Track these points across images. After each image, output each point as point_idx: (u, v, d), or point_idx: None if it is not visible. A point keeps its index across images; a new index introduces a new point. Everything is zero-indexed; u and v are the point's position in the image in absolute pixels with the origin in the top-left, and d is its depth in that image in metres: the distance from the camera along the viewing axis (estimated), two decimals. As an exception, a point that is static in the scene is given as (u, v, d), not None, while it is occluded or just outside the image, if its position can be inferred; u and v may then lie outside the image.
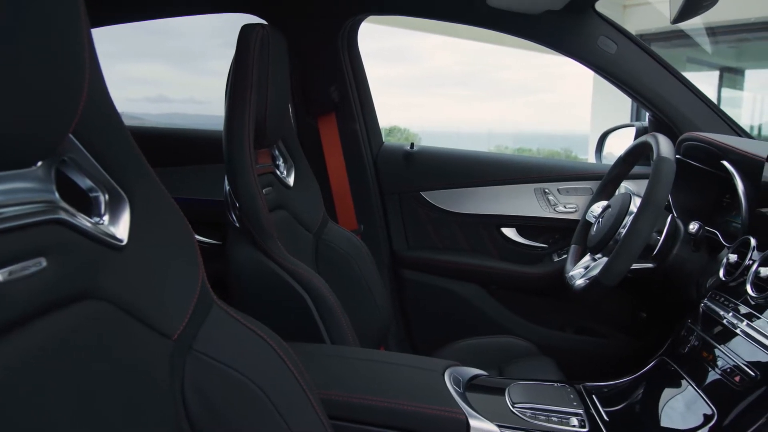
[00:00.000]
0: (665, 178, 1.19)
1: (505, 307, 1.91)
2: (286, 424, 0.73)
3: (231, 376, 0.71)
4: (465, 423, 0.97)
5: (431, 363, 1.14)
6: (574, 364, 1.74)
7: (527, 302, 1.92)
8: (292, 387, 0.77)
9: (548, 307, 1.91)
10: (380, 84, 12.29)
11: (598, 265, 1.32)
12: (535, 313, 1.91)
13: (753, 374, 0.96)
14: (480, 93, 10.84)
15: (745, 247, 1.18)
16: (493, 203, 1.90)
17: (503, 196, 1.90)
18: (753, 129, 9.36)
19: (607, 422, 1.04)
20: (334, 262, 1.53)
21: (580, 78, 2.94)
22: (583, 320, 1.90)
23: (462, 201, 1.92)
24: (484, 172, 1.91)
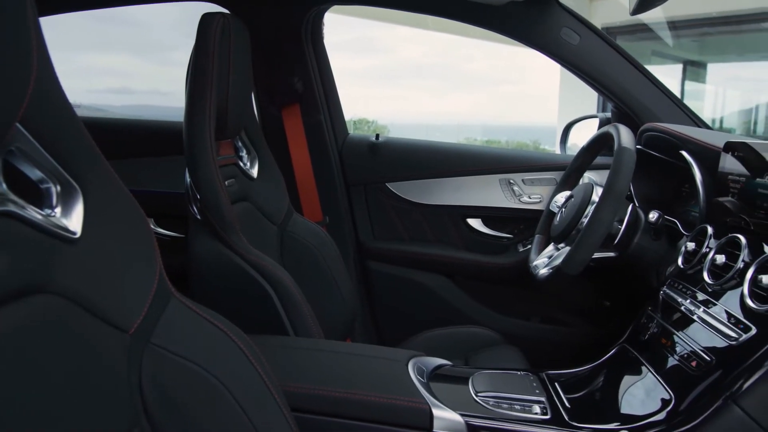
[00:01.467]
0: (626, 168, 1.20)
1: (471, 298, 1.93)
2: (246, 416, 0.72)
3: (189, 369, 0.70)
4: (428, 412, 0.98)
5: (395, 354, 1.14)
6: (539, 353, 1.75)
7: (493, 292, 1.93)
8: (252, 379, 0.76)
9: (514, 297, 1.93)
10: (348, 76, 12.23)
11: (561, 255, 1.34)
12: (500, 302, 1.93)
13: (709, 359, 0.98)
14: (449, 85, 10.88)
15: (702, 236, 1.20)
16: (458, 194, 1.90)
17: (469, 186, 1.90)
18: (715, 122, 9.56)
19: (568, 409, 1.06)
20: (299, 254, 1.52)
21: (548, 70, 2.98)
22: (548, 309, 1.92)
23: (428, 192, 1.92)
24: (449, 162, 1.92)
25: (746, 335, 0.95)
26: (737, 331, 0.97)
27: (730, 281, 1.05)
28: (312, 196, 1.89)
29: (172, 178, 1.65)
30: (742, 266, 1.04)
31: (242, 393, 0.73)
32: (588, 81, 1.68)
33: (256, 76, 1.83)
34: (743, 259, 1.04)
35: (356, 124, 8.87)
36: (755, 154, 1.08)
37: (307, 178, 1.88)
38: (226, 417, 0.71)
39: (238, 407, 0.72)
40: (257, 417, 0.74)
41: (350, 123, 1.98)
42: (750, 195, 1.08)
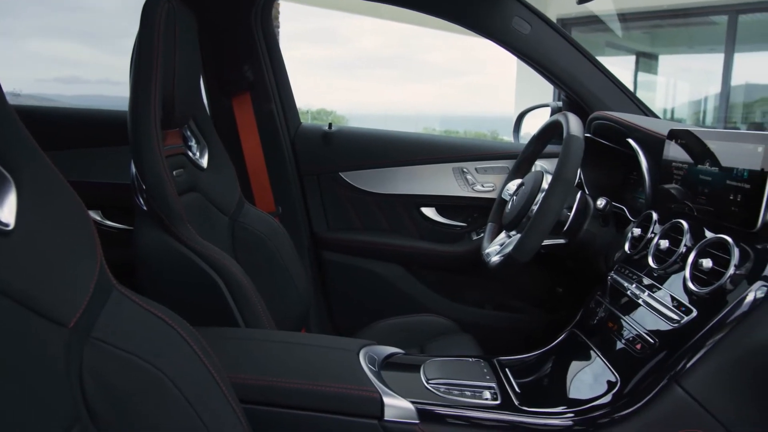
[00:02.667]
0: (574, 156, 1.21)
1: (426, 286, 1.93)
2: (192, 408, 0.71)
3: (132, 362, 0.68)
4: (379, 401, 0.97)
5: (346, 343, 1.13)
6: (493, 340, 1.77)
7: (447, 280, 1.94)
8: (198, 371, 0.75)
9: (468, 285, 1.94)
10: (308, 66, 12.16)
11: (513, 242, 1.35)
12: (455, 291, 1.94)
13: (653, 341, 1.00)
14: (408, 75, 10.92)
15: (648, 222, 1.23)
16: (412, 183, 1.91)
17: (422, 175, 1.91)
18: (667, 112, 9.82)
19: (518, 394, 1.07)
20: (251, 245, 1.50)
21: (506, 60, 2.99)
22: (502, 297, 1.94)
23: (381, 181, 1.91)
24: (403, 151, 1.92)
25: (687, 317, 0.97)
26: (679, 313, 0.99)
27: (674, 265, 1.08)
28: (264, 187, 1.87)
29: (123, 169, 1.61)
30: (684, 251, 1.06)
31: (188, 385, 0.71)
32: (539, 70, 1.70)
33: (205, 64, 1.79)
34: (685, 244, 1.07)
35: (315, 114, 8.84)
36: (697, 142, 1.11)
37: (259, 168, 1.86)
38: (172, 410, 0.70)
39: (183, 400, 0.70)
40: (204, 409, 0.72)
41: (310, 114, 1.95)
42: (692, 181, 1.11)
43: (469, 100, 10.75)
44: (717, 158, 1.04)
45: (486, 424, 1.00)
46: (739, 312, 0.91)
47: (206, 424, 0.72)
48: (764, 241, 0.94)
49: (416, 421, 0.98)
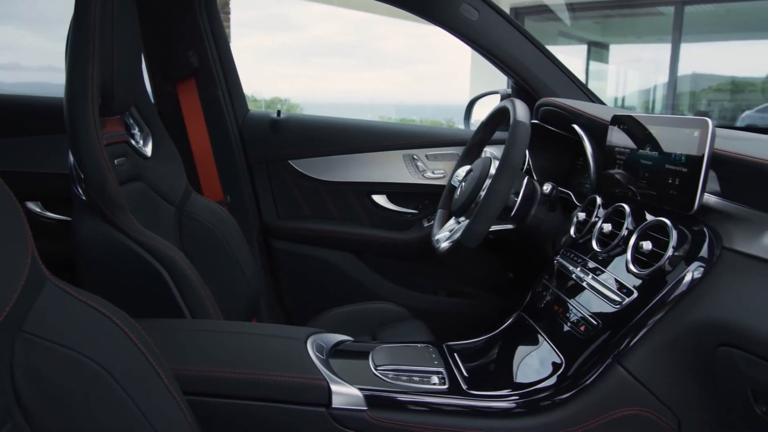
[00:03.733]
0: (520, 141, 1.22)
1: (378, 274, 1.93)
2: (133, 402, 0.70)
3: (67, 356, 0.66)
4: (326, 388, 0.97)
5: (294, 331, 1.12)
6: (446, 326, 1.79)
7: (399, 268, 1.94)
8: (138, 364, 0.73)
9: (420, 272, 1.95)
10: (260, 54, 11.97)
11: (462, 228, 1.35)
12: (407, 278, 1.94)
13: (596, 323, 1.02)
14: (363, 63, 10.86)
15: (592, 206, 1.25)
16: (363, 170, 1.90)
17: (373, 163, 1.90)
18: (618, 101, 10.03)
19: (466, 378, 1.08)
20: (198, 235, 1.47)
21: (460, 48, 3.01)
22: (454, 283, 1.95)
23: (331, 169, 1.90)
24: (353, 139, 1.91)
25: (629, 299, 0.99)
26: (621, 295, 1.01)
27: (616, 248, 1.10)
28: (211, 175, 1.83)
29: (60, 158, 1.56)
30: (626, 234, 1.09)
31: (127, 378, 0.70)
32: (488, 57, 1.70)
33: (147, 49, 1.74)
34: (627, 227, 1.09)
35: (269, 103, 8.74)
36: (639, 127, 1.13)
37: (206, 157, 1.82)
38: (111, 404, 0.68)
39: (122, 393, 0.69)
40: (145, 402, 0.71)
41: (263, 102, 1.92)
42: (634, 166, 1.13)
43: (425, 88, 10.77)
44: (657, 143, 1.06)
45: (433, 408, 1.01)
46: (677, 292, 0.93)
47: (148, 418, 0.71)
48: (701, 224, 0.96)
49: (364, 408, 0.98)
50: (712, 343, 0.87)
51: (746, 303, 0.84)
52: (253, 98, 8.92)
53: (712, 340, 0.87)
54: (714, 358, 0.87)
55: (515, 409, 1.00)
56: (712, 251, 0.92)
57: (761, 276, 0.84)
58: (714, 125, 0.95)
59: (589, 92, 1.72)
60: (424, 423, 0.99)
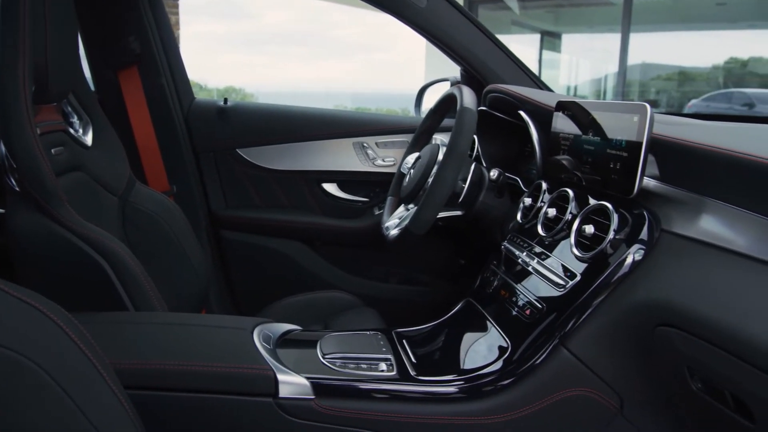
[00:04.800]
0: (467, 128, 1.23)
1: (329, 263, 1.92)
2: (71, 399, 0.67)
3: (1, 355, 0.63)
4: (273, 378, 0.96)
5: (240, 322, 1.11)
6: (398, 313, 1.79)
7: (351, 256, 1.94)
8: (75, 359, 0.71)
9: (371, 260, 1.94)
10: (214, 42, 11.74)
11: (410, 215, 1.35)
12: (358, 266, 1.94)
13: (541, 307, 1.04)
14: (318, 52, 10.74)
15: (538, 191, 1.26)
16: (312, 159, 1.88)
17: (323, 151, 1.88)
18: (570, 90, 10.19)
19: (414, 364, 1.08)
20: (144, 226, 1.43)
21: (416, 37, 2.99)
22: (406, 270, 1.96)
23: (281, 157, 1.88)
24: (302, 127, 1.88)
25: (572, 282, 1.00)
26: (565, 279, 1.02)
27: (561, 233, 1.11)
28: (156, 165, 1.79)
29: None
30: (569, 218, 1.10)
31: (64, 376, 0.67)
32: (437, 44, 1.70)
33: (86, 35, 1.68)
34: (571, 212, 1.11)
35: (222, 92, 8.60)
36: (582, 112, 1.14)
37: (151, 146, 1.77)
38: (47, 403, 0.66)
39: (60, 391, 0.66)
40: (83, 399, 0.68)
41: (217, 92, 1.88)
42: (578, 151, 1.14)
43: (381, 77, 10.74)
44: (599, 128, 1.08)
45: (381, 394, 1.01)
46: (619, 274, 0.95)
47: (87, 416, 0.68)
48: (641, 207, 0.98)
49: (311, 397, 0.98)
50: (651, 323, 0.89)
51: (683, 284, 0.86)
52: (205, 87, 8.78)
53: (651, 321, 0.89)
54: (653, 337, 0.89)
55: (462, 393, 1.01)
56: (652, 234, 0.94)
57: (697, 257, 0.87)
58: (652, 111, 0.96)
59: (537, 79, 1.73)
60: (372, 410, 0.99)
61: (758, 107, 8.28)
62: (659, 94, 9.67)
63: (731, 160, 0.85)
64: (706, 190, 0.91)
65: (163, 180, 1.80)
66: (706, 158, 0.90)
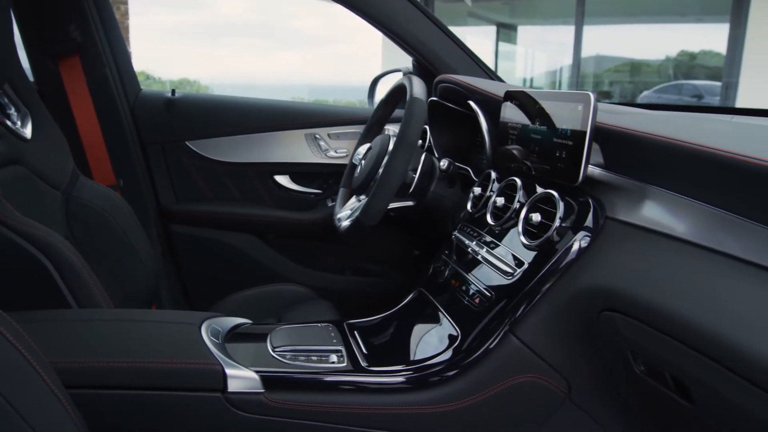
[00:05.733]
0: (416, 118, 1.23)
1: (283, 255, 1.91)
2: (6, 401, 0.65)
3: None
4: (221, 373, 0.95)
5: (187, 317, 1.09)
6: (352, 305, 1.79)
7: (304, 248, 1.92)
8: (10, 359, 0.68)
9: (326, 252, 1.93)
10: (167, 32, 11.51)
11: (362, 206, 1.35)
12: (313, 258, 1.93)
13: (489, 295, 1.04)
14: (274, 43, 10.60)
15: (488, 181, 1.27)
16: (264, 151, 1.86)
17: (274, 143, 1.86)
18: (526, 82, 10.31)
19: (365, 355, 1.08)
20: (89, 222, 1.39)
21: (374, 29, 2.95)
22: (361, 262, 1.95)
23: (231, 150, 1.85)
24: (252, 118, 1.86)
25: (520, 270, 1.01)
26: (513, 267, 1.03)
27: (509, 221, 1.12)
28: (102, 158, 1.74)
29: None
30: (517, 207, 1.11)
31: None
32: (388, 34, 1.69)
33: (23, 22, 1.62)
34: (518, 200, 1.11)
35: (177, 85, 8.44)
36: (530, 102, 1.15)
37: (95, 138, 1.72)
38: None
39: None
40: (20, 400, 0.66)
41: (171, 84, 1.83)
42: (525, 140, 1.15)
43: (339, 68, 10.66)
44: (546, 118, 1.09)
45: (331, 386, 1.01)
46: (565, 261, 0.96)
47: (24, 417, 0.66)
48: (586, 195, 0.99)
49: (261, 391, 0.97)
50: (596, 308, 0.90)
51: (626, 269, 0.88)
52: (158, 79, 8.59)
53: (596, 306, 0.90)
54: (598, 323, 0.91)
55: (412, 383, 1.01)
56: (597, 221, 0.95)
57: (640, 243, 0.88)
58: (596, 99, 0.97)
59: (488, 69, 1.74)
60: (322, 402, 0.99)
61: (706, 98, 8.52)
62: (613, 86, 9.85)
63: (670, 148, 0.86)
64: (648, 177, 0.92)
65: (108, 174, 1.75)
66: (647, 146, 0.91)
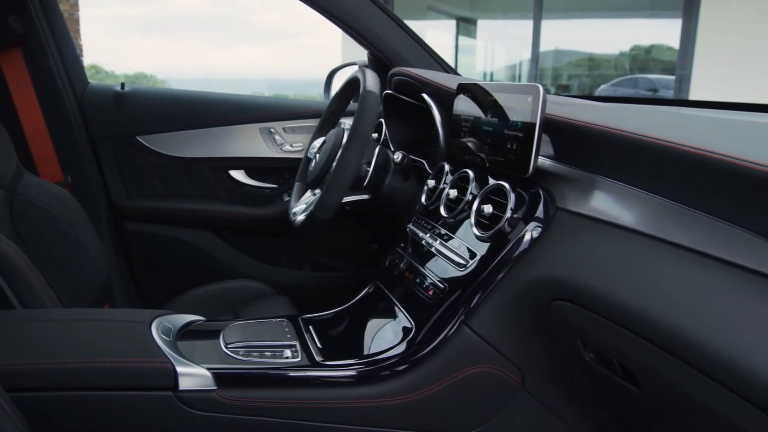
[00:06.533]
0: (369, 111, 1.22)
1: (239, 251, 1.89)
2: None
3: None
4: (172, 371, 0.94)
5: (137, 315, 1.07)
6: (310, 300, 1.77)
7: (261, 244, 1.90)
8: None
9: (283, 247, 1.92)
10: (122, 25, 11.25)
11: (316, 200, 1.34)
12: (270, 254, 1.91)
13: (443, 287, 1.04)
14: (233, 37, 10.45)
15: (442, 174, 1.27)
16: (218, 145, 1.83)
17: (229, 137, 1.83)
18: (486, 76, 10.38)
19: (320, 349, 1.07)
20: (35, 220, 1.35)
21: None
22: (319, 256, 1.94)
23: (185, 144, 1.82)
24: (206, 113, 1.83)
25: (473, 262, 1.02)
26: (466, 258, 1.03)
27: (462, 213, 1.12)
28: (48, 154, 1.69)
29: None
30: (470, 198, 1.11)
31: None
32: (342, 27, 1.68)
33: None
34: (471, 192, 1.12)
35: (133, 79, 8.25)
36: (482, 94, 1.15)
37: (40, 133, 1.67)
38: None
39: None
40: None
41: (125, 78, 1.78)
42: (478, 132, 1.15)
43: (300, 63, 10.57)
44: (497, 110, 1.09)
45: (284, 381, 1.00)
46: (517, 252, 0.96)
47: None
48: (537, 186, 1.00)
49: (213, 388, 0.96)
50: (547, 298, 0.91)
51: (575, 259, 0.89)
52: (112, 73, 8.39)
53: (547, 296, 0.91)
54: (549, 312, 0.92)
55: (366, 377, 1.01)
56: (547, 212, 0.96)
57: (589, 233, 0.89)
58: (545, 91, 0.98)
59: (442, 62, 1.74)
60: (276, 397, 0.98)
61: (661, 92, 8.70)
62: (571, 80, 9.99)
63: (616, 138, 0.88)
64: (596, 168, 0.93)
65: (55, 170, 1.70)
66: (594, 137, 0.92)
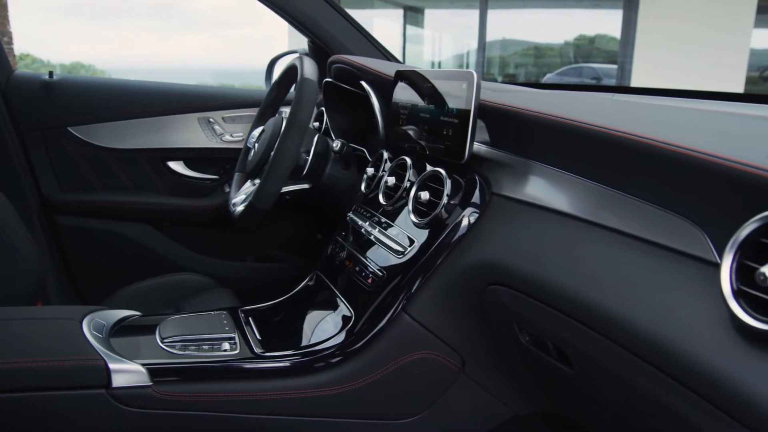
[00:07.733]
0: (306, 99, 1.21)
1: (180, 244, 1.85)
2: None
3: None
4: (104, 368, 0.91)
5: (67, 312, 1.04)
6: (253, 292, 1.75)
7: (203, 236, 1.87)
8: None
9: (226, 239, 1.89)
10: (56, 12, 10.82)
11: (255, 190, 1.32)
12: (212, 246, 1.88)
13: (382, 275, 1.04)
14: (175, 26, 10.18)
15: (381, 161, 1.26)
16: (155, 136, 1.78)
17: (166, 127, 1.79)
18: (435, 65, 10.43)
19: (259, 341, 1.06)
20: None
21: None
22: (263, 248, 1.92)
23: (119, 135, 1.76)
24: (141, 102, 1.78)
25: (411, 248, 1.02)
26: (404, 246, 1.04)
27: (400, 201, 1.12)
28: None
29: None
30: (408, 185, 1.11)
31: None
32: (281, 14, 1.65)
33: None
34: (408, 179, 1.12)
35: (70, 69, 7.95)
36: (420, 81, 1.15)
37: None
38: None
39: None
40: None
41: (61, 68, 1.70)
42: (416, 120, 1.15)
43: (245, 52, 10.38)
44: (434, 96, 1.09)
45: (222, 374, 0.99)
46: (454, 238, 0.97)
47: None
48: (473, 172, 1.01)
49: (148, 384, 0.94)
50: (483, 282, 0.92)
51: (509, 244, 0.90)
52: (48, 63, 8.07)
53: (483, 280, 0.92)
54: (486, 297, 0.93)
55: (305, 366, 1.00)
56: (484, 197, 0.97)
57: (523, 218, 0.90)
58: (479, 77, 0.99)
59: (383, 50, 1.74)
60: (213, 391, 0.97)
61: (604, 81, 8.91)
62: (518, 68, 10.13)
63: (547, 124, 0.89)
64: (530, 153, 0.94)
65: None
66: (527, 123, 0.94)
